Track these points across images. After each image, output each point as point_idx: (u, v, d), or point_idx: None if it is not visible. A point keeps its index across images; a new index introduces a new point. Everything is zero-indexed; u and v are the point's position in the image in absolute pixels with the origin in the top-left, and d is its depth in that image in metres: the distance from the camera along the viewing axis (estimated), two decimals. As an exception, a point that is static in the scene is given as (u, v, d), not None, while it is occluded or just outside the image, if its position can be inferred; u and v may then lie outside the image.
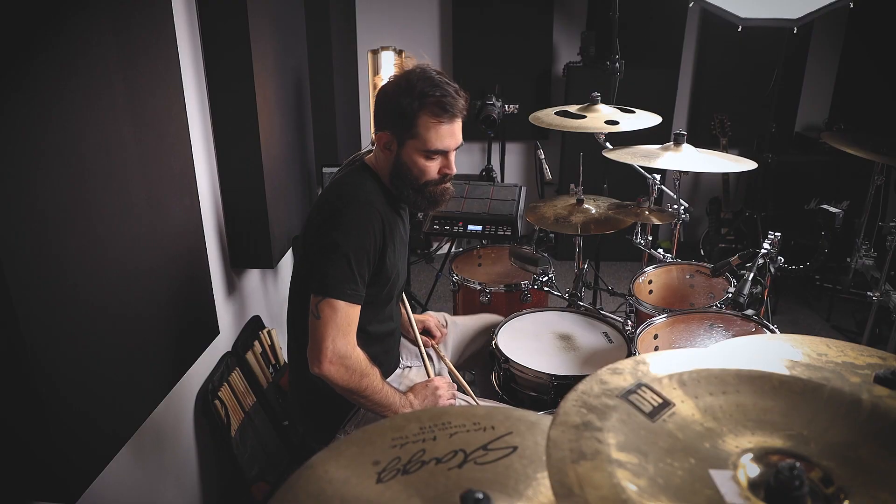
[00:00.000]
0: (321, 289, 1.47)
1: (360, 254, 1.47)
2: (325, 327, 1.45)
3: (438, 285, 3.59)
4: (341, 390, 1.50)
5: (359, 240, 1.47)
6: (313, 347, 1.47)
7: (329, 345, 1.45)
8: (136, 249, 1.50)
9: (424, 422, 0.80)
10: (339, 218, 1.48)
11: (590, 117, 2.35)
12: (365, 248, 1.48)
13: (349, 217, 1.48)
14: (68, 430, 1.26)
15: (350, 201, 1.50)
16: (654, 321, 1.90)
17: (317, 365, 1.46)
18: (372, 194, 1.54)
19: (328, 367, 1.45)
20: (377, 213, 1.51)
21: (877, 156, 2.38)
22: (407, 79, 1.49)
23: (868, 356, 0.93)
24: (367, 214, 1.49)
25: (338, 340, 1.45)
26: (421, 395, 1.64)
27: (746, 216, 3.77)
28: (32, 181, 1.16)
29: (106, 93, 1.36)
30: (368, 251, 1.49)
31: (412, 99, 1.47)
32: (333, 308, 1.45)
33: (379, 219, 1.51)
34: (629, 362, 0.74)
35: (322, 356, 1.45)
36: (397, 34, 4.04)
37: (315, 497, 0.68)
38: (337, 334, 1.45)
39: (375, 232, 1.50)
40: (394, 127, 1.51)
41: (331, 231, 1.48)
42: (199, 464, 2.04)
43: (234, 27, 1.94)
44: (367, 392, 1.51)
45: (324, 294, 1.46)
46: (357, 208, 1.49)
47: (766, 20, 3.00)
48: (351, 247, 1.46)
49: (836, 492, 0.59)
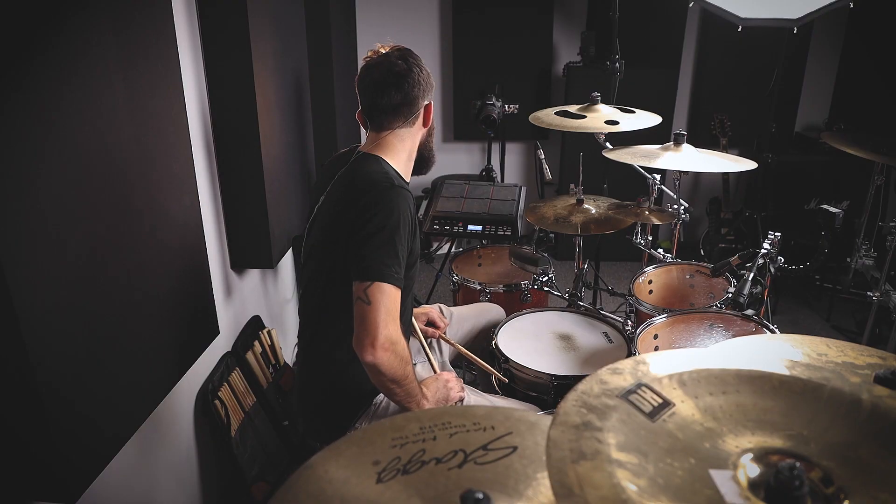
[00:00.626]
0: (367, 273, 1.44)
1: (402, 237, 1.48)
2: (377, 312, 1.42)
3: (438, 285, 3.59)
4: (384, 379, 1.46)
5: (400, 223, 1.48)
6: (365, 335, 1.42)
7: (382, 330, 1.41)
8: (136, 249, 1.50)
9: (424, 422, 0.80)
10: (378, 205, 1.48)
11: (590, 117, 2.35)
12: (405, 230, 1.49)
13: (388, 201, 1.48)
14: (68, 430, 1.26)
15: (384, 189, 1.50)
16: (654, 321, 1.90)
17: (370, 352, 1.41)
18: (399, 179, 1.57)
19: (381, 354, 1.41)
20: (409, 194, 1.54)
21: (877, 156, 2.38)
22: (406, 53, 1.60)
23: (868, 356, 0.93)
24: (403, 197, 1.50)
25: (389, 325, 1.43)
26: (433, 388, 1.64)
27: (746, 216, 3.77)
28: (32, 181, 1.16)
29: (106, 93, 1.36)
30: (408, 233, 1.50)
31: (421, 63, 1.60)
32: (382, 292, 1.43)
33: (411, 198, 1.54)
34: (629, 362, 0.74)
35: (376, 342, 1.41)
36: (397, 34, 4.03)
37: (315, 497, 0.68)
38: (388, 319, 1.43)
39: (412, 213, 1.52)
40: (430, 92, 1.63)
41: (371, 219, 1.47)
42: (199, 464, 2.04)
43: (234, 27, 1.94)
44: (406, 381, 1.49)
45: (371, 278, 1.43)
46: (393, 192, 1.50)
47: (766, 20, 3.00)
48: (394, 230, 1.47)
49: (836, 492, 0.59)
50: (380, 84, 1.55)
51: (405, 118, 1.59)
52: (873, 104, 3.88)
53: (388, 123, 1.60)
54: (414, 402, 1.55)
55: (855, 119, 3.96)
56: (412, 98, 1.57)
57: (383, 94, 1.56)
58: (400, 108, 1.57)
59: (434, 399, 1.62)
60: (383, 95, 1.56)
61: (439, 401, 1.63)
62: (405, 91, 1.56)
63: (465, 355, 1.91)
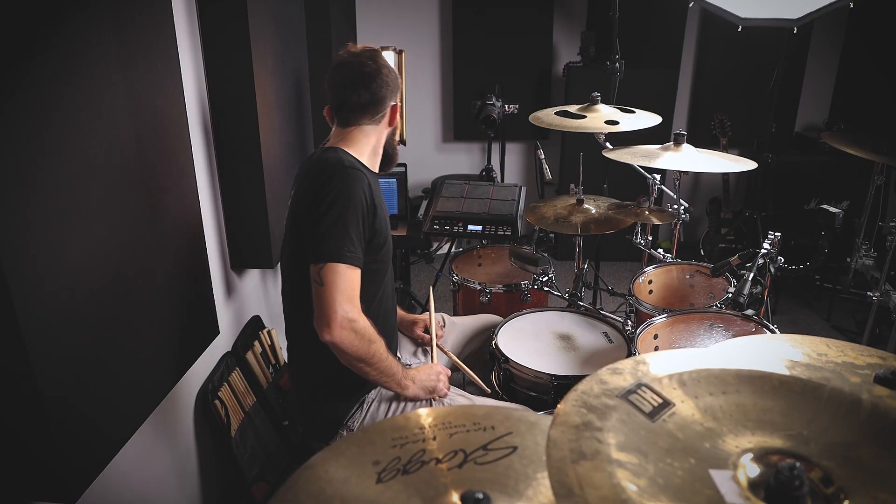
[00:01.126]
0: (319, 255, 1.47)
1: (353, 215, 1.49)
2: (330, 292, 1.44)
3: (438, 285, 3.59)
4: (349, 358, 1.49)
5: (350, 201, 1.49)
6: (321, 315, 1.46)
7: (337, 309, 1.43)
8: (136, 249, 1.50)
9: (424, 422, 0.80)
10: (328, 186, 1.50)
11: (590, 117, 2.35)
12: (357, 208, 1.50)
13: (337, 182, 1.51)
14: (68, 430, 1.26)
15: (335, 171, 1.53)
16: (654, 321, 1.90)
17: (327, 332, 1.44)
18: (355, 163, 1.58)
19: (339, 333, 1.44)
20: (362, 174, 1.55)
21: (877, 156, 2.38)
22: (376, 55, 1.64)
23: (868, 356, 0.93)
24: (353, 177, 1.52)
25: (344, 304, 1.44)
26: (423, 374, 1.67)
27: (746, 216, 3.77)
28: (32, 181, 1.16)
29: (106, 93, 1.36)
30: (361, 212, 1.51)
31: (389, 65, 1.65)
32: (335, 272, 1.45)
33: (365, 180, 1.54)
34: (629, 362, 0.74)
35: (332, 322, 1.43)
36: (397, 34, 4.04)
37: (315, 497, 0.68)
38: (343, 298, 1.44)
39: (364, 192, 1.52)
40: (397, 94, 1.67)
41: (321, 202, 1.49)
42: (199, 464, 2.04)
43: (234, 27, 1.94)
44: (374, 359, 1.51)
45: (323, 259, 1.46)
46: (343, 173, 1.52)
47: (766, 20, 3.00)
48: (343, 210, 1.48)
49: (836, 492, 0.59)
50: (350, 83, 1.60)
51: (372, 116, 1.64)
52: (873, 104, 3.88)
53: (355, 120, 1.64)
54: (394, 382, 1.58)
55: (855, 119, 3.96)
56: (380, 97, 1.62)
57: (353, 93, 1.60)
58: (367, 106, 1.62)
59: (420, 384, 1.64)
60: (352, 93, 1.60)
61: (426, 388, 1.65)
62: (373, 90, 1.60)
63: (458, 365, 1.91)
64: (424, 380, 1.66)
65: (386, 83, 1.62)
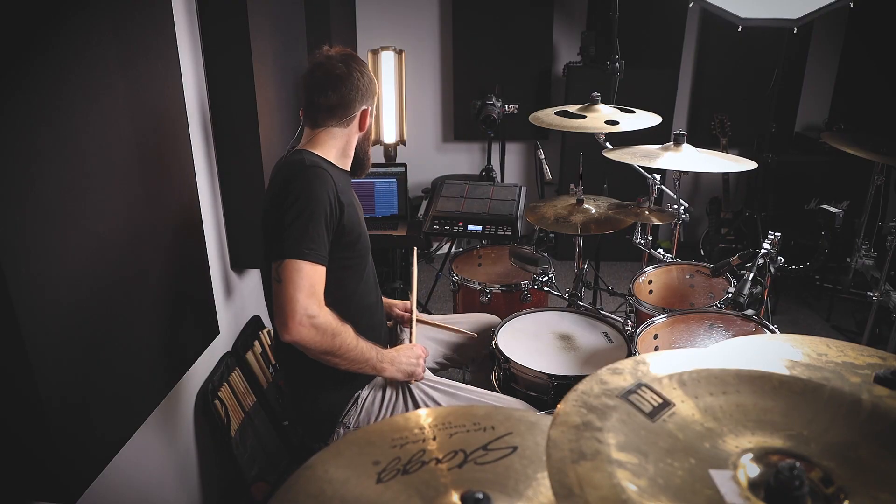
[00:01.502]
0: (278, 252, 1.46)
1: (315, 214, 1.47)
2: (287, 289, 1.42)
3: (438, 285, 3.59)
4: (315, 354, 1.48)
5: (311, 201, 1.48)
6: (279, 313, 1.44)
7: (294, 307, 1.41)
8: (136, 249, 1.50)
9: (424, 422, 0.80)
10: (290, 186, 1.50)
11: (590, 117, 2.35)
12: (318, 207, 1.48)
13: (299, 181, 1.50)
14: (68, 429, 1.26)
15: (296, 171, 1.53)
16: (654, 321, 1.90)
17: (285, 330, 1.43)
18: (316, 161, 1.57)
19: (298, 330, 1.42)
20: (325, 173, 1.53)
21: (877, 156, 2.38)
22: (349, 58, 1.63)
23: (868, 356, 0.93)
24: (314, 175, 1.51)
25: (302, 301, 1.42)
26: (404, 354, 1.67)
27: (746, 216, 3.77)
28: (33, 181, 1.16)
29: (106, 93, 1.36)
30: (324, 211, 1.49)
31: (363, 69, 1.64)
32: (294, 269, 1.44)
33: (329, 180, 1.53)
34: (629, 362, 0.74)
35: (289, 319, 1.41)
36: (397, 34, 4.04)
37: (315, 497, 0.68)
38: (300, 295, 1.42)
39: (327, 191, 1.51)
40: (370, 98, 1.67)
41: (283, 202, 1.49)
42: (199, 464, 2.04)
43: (233, 27, 1.94)
44: (341, 350, 1.51)
45: (282, 256, 1.45)
46: (304, 172, 1.51)
47: (766, 20, 3.00)
48: (304, 209, 1.47)
49: (836, 492, 0.59)
50: (319, 84, 1.60)
51: (339, 118, 1.63)
52: (873, 104, 3.88)
53: (323, 121, 1.64)
54: (368, 367, 1.59)
55: (855, 119, 3.96)
56: (348, 101, 1.61)
57: (320, 94, 1.60)
58: (335, 108, 1.62)
59: (398, 366, 1.64)
60: (320, 95, 1.60)
61: (404, 371, 1.65)
62: (341, 93, 1.60)
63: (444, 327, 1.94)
64: (403, 362, 1.65)
65: (356, 87, 1.61)
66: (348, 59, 1.63)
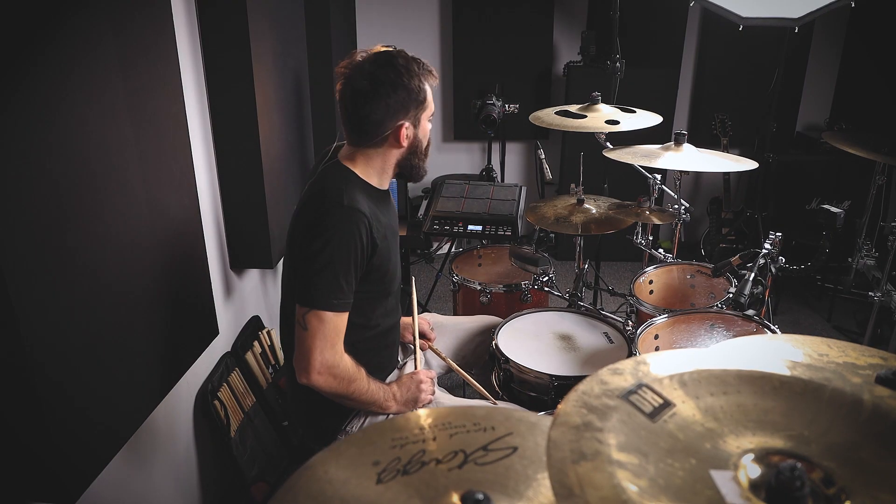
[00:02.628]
0: (307, 300, 1.45)
1: (345, 261, 1.45)
2: (313, 339, 1.45)
3: (438, 285, 3.58)
4: (329, 396, 1.52)
5: (344, 247, 1.44)
6: (300, 359, 1.47)
7: (317, 356, 1.45)
8: (136, 250, 1.50)
9: (424, 422, 0.79)
10: (322, 225, 1.45)
11: (590, 117, 2.35)
12: (350, 255, 1.45)
13: (332, 224, 1.44)
14: (67, 430, 1.26)
15: (332, 207, 1.45)
16: (654, 321, 1.89)
17: (304, 376, 1.47)
18: (354, 194, 1.48)
19: (316, 378, 1.46)
20: (361, 215, 1.46)
21: (878, 155, 2.38)
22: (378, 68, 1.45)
23: (869, 356, 0.93)
24: (350, 219, 1.45)
25: (325, 352, 1.45)
26: (405, 387, 1.65)
27: (747, 216, 3.77)
28: (32, 181, 1.15)
29: (106, 93, 1.36)
30: (355, 257, 1.46)
31: (412, 76, 1.46)
32: (320, 319, 1.45)
33: (364, 221, 1.46)
34: (630, 362, 0.74)
35: (310, 367, 1.45)
36: (397, 34, 4.04)
37: (315, 497, 0.68)
38: (325, 346, 1.45)
39: (361, 236, 1.46)
40: (409, 111, 1.49)
41: (314, 240, 1.44)
42: (199, 464, 2.04)
43: (233, 27, 1.94)
44: (354, 395, 1.53)
45: (310, 305, 1.45)
46: (340, 214, 1.44)
47: (767, 20, 3.00)
48: (336, 255, 1.44)
49: (837, 492, 0.59)
50: (344, 103, 1.49)
51: (370, 139, 1.51)
52: (874, 104, 3.88)
53: (356, 141, 1.54)
54: (376, 407, 1.59)
55: (856, 119, 3.96)
56: (375, 121, 1.47)
57: (348, 113, 1.49)
58: (363, 130, 1.50)
59: (402, 400, 1.63)
60: (348, 114, 1.50)
61: (408, 402, 1.64)
62: (366, 113, 1.46)
63: (457, 371, 1.91)
64: (405, 394, 1.64)
65: (383, 104, 1.44)
66: (377, 69, 1.45)
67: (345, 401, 1.54)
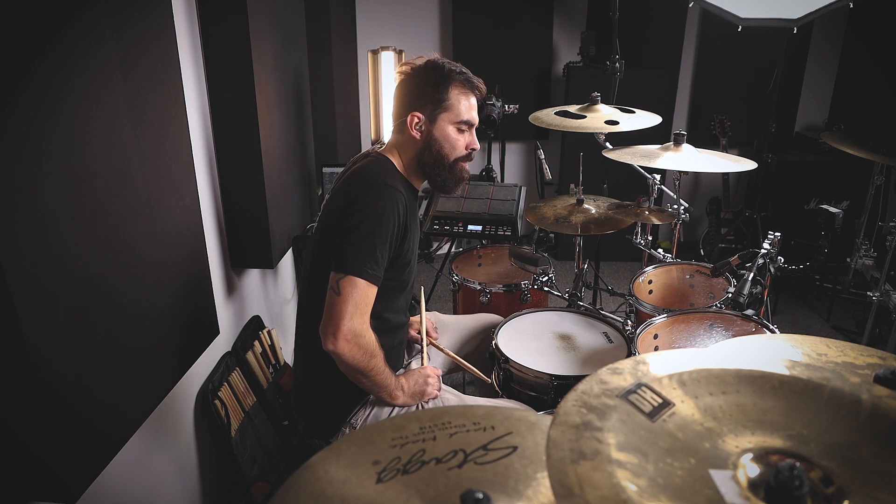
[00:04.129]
0: (343, 266, 1.48)
1: (382, 234, 1.50)
2: (344, 304, 1.47)
3: (438, 285, 3.59)
4: (348, 368, 1.52)
5: (382, 220, 1.50)
6: (329, 322, 1.48)
7: (347, 322, 1.46)
8: (136, 250, 1.50)
9: (424, 422, 0.80)
10: (362, 200, 1.51)
11: (590, 117, 2.35)
12: (388, 228, 1.51)
13: (372, 198, 1.51)
14: (68, 430, 1.26)
15: (372, 184, 1.54)
16: (653, 321, 1.90)
17: (331, 341, 1.47)
18: (394, 178, 1.58)
19: (342, 344, 1.47)
20: (400, 194, 1.54)
21: (877, 156, 2.38)
22: (432, 63, 1.63)
23: (868, 356, 0.93)
24: (390, 195, 1.52)
25: (355, 318, 1.47)
26: (412, 380, 1.67)
27: (746, 216, 3.77)
28: (33, 181, 1.16)
29: (106, 93, 1.36)
30: (391, 232, 1.52)
31: (441, 76, 1.61)
32: (354, 285, 1.47)
33: (403, 201, 1.55)
34: (629, 362, 0.74)
35: (338, 332, 1.46)
36: (397, 34, 4.04)
37: (315, 497, 0.68)
38: (355, 312, 1.47)
39: (399, 213, 1.53)
40: (425, 104, 1.61)
41: (354, 213, 1.50)
42: (199, 464, 2.04)
43: (234, 27, 1.94)
44: (372, 372, 1.54)
45: (345, 271, 1.48)
46: (379, 190, 1.52)
47: (766, 20, 3.00)
48: (375, 227, 1.49)
49: (836, 492, 0.59)
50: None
51: (395, 120, 1.66)
52: (873, 104, 3.88)
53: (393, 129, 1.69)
54: (385, 393, 1.61)
55: (855, 119, 3.96)
56: (400, 106, 1.64)
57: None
58: (394, 115, 1.66)
59: (410, 392, 1.66)
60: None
61: (415, 394, 1.67)
62: (397, 98, 1.64)
63: (457, 361, 1.91)
64: (412, 386, 1.67)
65: (407, 91, 1.62)
66: (420, 66, 1.64)
67: (361, 378, 1.54)
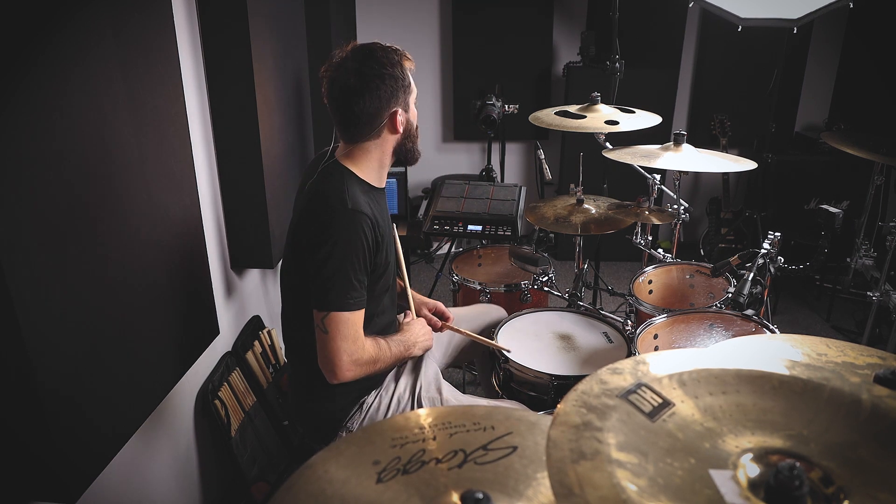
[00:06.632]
0: (324, 304, 1.49)
1: (355, 262, 1.49)
2: (334, 342, 1.49)
3: (438, 285, 3.59)
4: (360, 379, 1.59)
5: (351, 251, 1.48)
6: (327, 363, 1.52)
7: (344, 357, 1.50)
8: (137, 249, 1.50)
9: (424, 422, 0.80)
10: (328, 232, 1.47)
11: (590, 117, 2.35)
12: (358, 255, 1.49)
13: (337, 229, 1.47)
14: (68, 430, 1.26)
15: (335, 212, 1.48)
16: (653, 321, 1.90)
17: (334, 377, 1.52)
18: (356, 195, 1.52)
19: (345, 375, 1.52)
20: (364, 216, 1.49)
21: (876, 156, 2.38)
22: (363, 62, 1.48)
23: (868, 356, 0.93)
24: (355, 221, 1.48)
25: (348, 349, 1.51)
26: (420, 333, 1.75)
27: (746, 216, 3.77)
28: (33, 182, 1.16)
29: (106, 93, 1.36)
30: (363, 256, 1.50)
31: (394, 64, 1.50)
32: (339, 320, 1.49)
33: (368, 222, 1.50)
34: (629, 362, 0.74)
35: (338, 369, 1.51)
36: (397, 35, 4.04)
37: (315, 497, 0.68)
38: (347, 344, 1.50)
39: (366, 236, 1.50)
40: (399, 97, 1.53)
41: (321, 246, 1.47)
42: (200, 463, 2.04)
43: (234, 27, 1.94)
44: (381, 366, 1.62)
45: (328, 308, 1.48)
46: (344, 218, 1.47)
47: (766, 20, 3.00)
48: (345, 259, 1.48)
49: (836, 492, 0.59)
50: (337, 103, 1.52)
51: (367, 133, 1.54)
52: (873, 104, 3.88)
53: (352, 137, 1.56)
54: (402, 360, 1.70)
55: (855, 119, 3.96)
56: (370, 113, 1.50)
57: (341, 111, 1.52)
58: (360, 125, 1.53)
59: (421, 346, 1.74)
60: (341, 112, 1.52)
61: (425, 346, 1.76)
62: (361, 108, 1.49)
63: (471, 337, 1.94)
64: (420, 338, 1.74)
65: (376, 96, 1.48)
66: (362, 64, 1.48)
67: (373, 373, 1.61)
